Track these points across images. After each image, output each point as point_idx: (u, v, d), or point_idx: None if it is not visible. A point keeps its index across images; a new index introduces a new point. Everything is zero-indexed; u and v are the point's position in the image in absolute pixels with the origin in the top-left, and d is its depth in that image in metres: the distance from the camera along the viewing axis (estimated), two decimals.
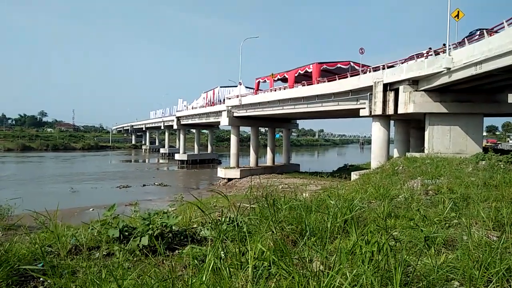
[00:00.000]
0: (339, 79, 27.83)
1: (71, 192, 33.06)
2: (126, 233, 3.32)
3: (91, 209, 24.67)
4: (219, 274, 1.88)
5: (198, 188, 40.31)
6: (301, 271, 2.20)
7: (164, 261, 3.04)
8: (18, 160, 69.76)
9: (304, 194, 9.50)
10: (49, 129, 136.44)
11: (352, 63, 30.52)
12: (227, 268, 1.88)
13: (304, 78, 33.71)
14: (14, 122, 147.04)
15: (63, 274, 2.62)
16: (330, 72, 31.72)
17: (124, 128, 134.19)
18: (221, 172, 41.48)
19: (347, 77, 27.01)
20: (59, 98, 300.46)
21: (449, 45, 18.34)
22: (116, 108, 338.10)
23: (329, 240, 3.34)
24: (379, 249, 2.49)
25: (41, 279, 2.56)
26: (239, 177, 39.48)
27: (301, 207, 4.40)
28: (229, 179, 39.93)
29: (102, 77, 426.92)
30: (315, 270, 2.29)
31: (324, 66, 32.06)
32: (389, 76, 22.48)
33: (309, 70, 32.63)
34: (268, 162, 47.08)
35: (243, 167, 43.39)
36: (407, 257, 2.51)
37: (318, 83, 30.63)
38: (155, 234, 3.23)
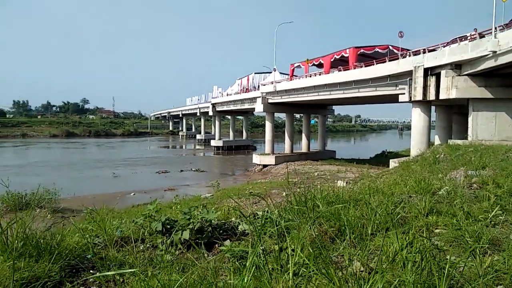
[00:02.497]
0: (377, 63, 27.00)
1: (113, 177, 34.45)
2: (168, 226, 3.44)
3: (132, 194, 25.70)
4: (259, 276, 1.92)
5: (234, 174, 40.85)
6: (340, 273, 2.20)
7: (205, 255, 3.13)
8: (63, 145, 73.34)
9: (340, 182, 9.41)
10: (91, 116, 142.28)
11: (390, 47, 29.47)
12: (268, 272, 1.91)
13: (340, 63, 32.99)
14: (58, 109, 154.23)
15: (110, 266, 2.76)
16: (367, 57, 30.84)
17: (162, 114, 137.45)
18: (256, 159, 41.72)
19: (385, 61, 26.16)
20: (100, 86, 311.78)
21: (495, 27, 17.31)
22: (154, 95, 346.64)
23: (369, 238, 3.30)
24: (421, 252, 2.44)
25: (91, 271, 2.71)
26: (274, 163, 39.58)
27: (339, 201, 4.37)
28: (264, 166, 40.12)
29: (141, 64, 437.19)
30: (355, 272, 2.28)
31: (361, 50, 31.17)
32: (430, 60, 21.57)
33: (346, 55, 31.87)
34: (303, 149, 46.82)
35: (278, 153, 43.43)
36: (451, 258, 2.44)
37: (354, 68, 29.90)
38: (195, 228, 3.33)
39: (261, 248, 2.40)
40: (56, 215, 15.06)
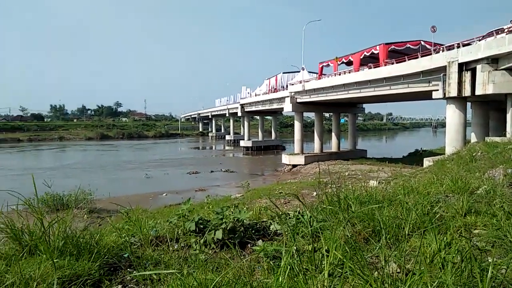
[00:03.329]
0: (408, 59, 26.35)
1: (146, 178, 35.28)
2: (201, 226, 3.48)
3: (164, 194, 26.23)
4: (294, 276, 1.91)
5: (263, 174, 40.92)
6: (376, 273, 2.16)
7: (237, 255, 3.15)
8: (97, 148, 75.79)
9: (372, 182, 9.22)
10: (124, 119, 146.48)
11: (423, 42, 28.63)
12: (302, 272, 1.90)
13: (370, 60, 32.37)
14: (93, 112, 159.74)
15: (147, 265, 2.82)
16: (398, 53, 30.13)
17: (192, 116, 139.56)
18: (286, 159, 41.60)
19: (417, 57, 25.48)
20: (132, 89, 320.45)
21: None
22: (184, 97, 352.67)
23: (404, 239, 3.22)
24: (460, 252, 2.36)
25: (128, 270, 2.78)
26: (303, 163, 39.34)
27: (372, 201, 4.29)
28: (294, 166, 39.94)
29: (171, 66, 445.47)
30: (391, 273, 2.23)
31: (392, 46, 30.45)
32: (465, 54, 20.82)
33: (376, 52, 31.23)
34: (333, 148, 46.27)
35: (308, 153, 43.12)
36: (492, 259, 2.34)
37: (385, 65, 29.27)
38: (228, 228, 3.35)
39: (294, 248, 2.39)
40: (92, 215, 15.61)
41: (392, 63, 28.24)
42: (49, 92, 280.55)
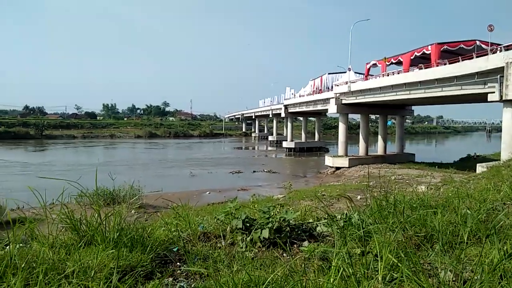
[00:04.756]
0: (462, 60, 25.07)
1: (190, 176, 36.13)
2: (248, 224, 3.52)
3: (207, 192, 26.72)
4: (346, 278, 1.88)
5: (305, 176, 40.56)
6: (431, 281, 2.08)
7: (284, 254, 3.15)
8: (145, 146, 78.65)
9: (421, 187, 8.87)
10: (171, 118, 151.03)
11: (478, 42, 27.13)
12: (354, 275, 1.86)
13: (421, 60, 31.14)
14: (142, 111, 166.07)
15: (195, 260, 2.90)
16: (451, 53, 28.74)
17: (235, 116, 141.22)
18: (329, 161, 40.98)
19: (472, 58, 24.19)
20: (179, 89, 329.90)
21: None
22: (229, 97, 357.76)
23: (459, 247, 3.07)
24: None
25: (178, 264, 2.87)
26: (347, 166, 38.56)
27: (424, 206, 4.13)
28: (337, 168, 39.26)
29: (215, 67, 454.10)
30: (447, 281, 2.14)
31: (445, 46, 29.08)
32: None
33: (427, 52, 29.98)
34: (379, 151, 44.97)
35: (352, 155, 42.21)
36: None
37: (437, 65, 28.04)
38: (274, 228, 3.36)
39: (345, 250, 2.35)
40: (139, 210, 16.22)
41: (445, 64, 27.01)
42: (102, 92, 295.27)
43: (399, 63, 35.02)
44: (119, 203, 14.12)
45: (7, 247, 2.86)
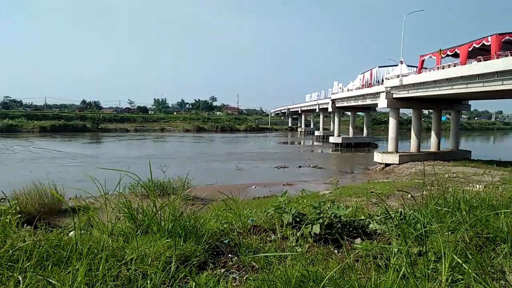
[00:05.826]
0: None
1: (237, 170, 36.60)
2: (298, 219, 3.50)
3: (253, 187, 26.93)
4: (406, 278, 1.81)
5: (352, 172, 39.70)
6: (497, 284, 1.95)
7: (336, 251, 3.10)
8: (193, 139, 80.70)
9: (477, 186, 8.36)
10: (218, 113, 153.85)
11: None
12: (413, 275, 1.78)
13: (480, 52, 29.23)
14: (190, 106, 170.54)
15: (246, 252, 2.92)
16: None
17: (281, 111, 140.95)
18: (378, 157, 39.75)
19: None
20: (226, 84, 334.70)
21: None
22: (275, 91, 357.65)
23: None
24: None
25: (229, 255, 2.91)
26: (397, 162, 37.22)
27: (485, 206, 3.90)
28: (387, 165, 38.00)
29: (263, 62, 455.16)
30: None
31: (507, 37, 27.08)
32: None
33: (487, 43, 28.09)
34: (432, 148, 42.97)
35: (402, 152, 40.67)
36: None
37: (498, 57, 26.22)
38: (325, 223, 3.31)
39: (406, 249, 2.26)
40: (188, 202, 16.67)
41: (506, 55, 25.20)
42: (153, 87, 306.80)
43: (455, 55, 33.15)
44: (168, 195, 14.63)
45: (71, 233, 3.04)
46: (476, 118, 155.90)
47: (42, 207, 12.66)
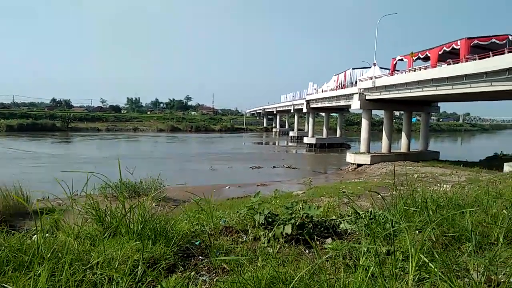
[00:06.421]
0: (493, 55, 24.23)
1: (211, 170, 36.37)
2: (270, 220, 3.49)
3: (227, 187, 26.82)
4: (374, 278, 1.82)
5: (326, 172, 40.22)
6: (462, 282, 1.99)
7: (307, 251, 3.11)
8: (167, 139, 79.64)
9: (445, 186, 8.63)
10: (193, 112, 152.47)
11: (511, 38, 26.14)
12: (382, 274, 1.80)
13: (450, 56, 30.24)
14: (165, 105, 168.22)
15: (217, 254, 2.88)
16: (482, 48, 27.79)
17: (257, 111, 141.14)
18: (350, 157, 40.45)
19: (504, 53, 23.34)
20: (201, 83, 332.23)
21: None
22: (250, 92, 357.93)
23: (489, 248, 2.96)
24: None
25: (200, 257, 2.87)
26: (369, 163, 37.98)
27: (451, 205, 4.01)
28: (359, 165, 38.71)
29: (239, 62, 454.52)
30: (479, 283, 2.05)
31: (475, 41, 28.10)
32: None
33: (456, 47, 29.06)
34: (402, 149, 44.12)
35: (374, 152, 41.55)
36: None
37: (466, 61, 27.18)
38: (297, 224, 3.32)
39: (374, 248, 2.29)
40: (159, 203, 16.41)
41: (475, 59, 26.17)
42: (127, 86, 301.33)
43: (426, 58, 34.13)
44: (140, 196, 14.35)
45: (34, 237, 2.92)
46: (440, 120, 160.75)
47: (7, 209, 12.15)
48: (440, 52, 31.29)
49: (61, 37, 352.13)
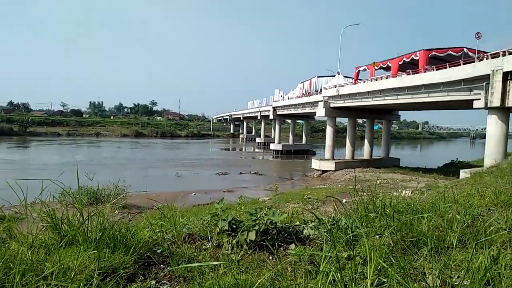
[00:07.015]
0: (450, 67, 25.48)
1: (177, 176, 35.83)
2: (234, 226, 3.47)
3: (193, 194, 26.51)
4: (334, 283, 1.84)
5: (292, 178, 40.65)
6: (418, 286, 2.06)
7: (271, 257, 3.11)
8: (131, 145, 77.82)
9: (405, 192, 8.93)
10: (158, 118, 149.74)
11: (465, 50, 27.64)
12: (342, 279, 1.83)
13: (410, 66, 31.56)
14: (129, 110, 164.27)
15: (180, 262, 2.83)
16: (439, 60, 29.23)
17: (224, 117, 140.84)
18: (315, 164, 41.14)
19: (459, 64, 24.60)
20: (167, 88, 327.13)
21: None
22: (217, 98, 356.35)
23: (445, 252, 3.07)
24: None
25: (161, 266, 2.80)
26: (333, 169, 38.79)
27: (410, 210, 4.14)
28: (323, 171, 39.45)
29: (205, 68, 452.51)
30: (434, 286, 2.12)
31: (433, 53, 29.53)
32: (511, 63, 19.89)
33: (416, 58, 30.39)
34: (365, 155, 45.38)
35: (338, 159, 42.48)
36: None
37: (425, 71, 28.43)
38: (261, 230, 3.32)
39: (335, 254, 2.32)
40: (123, 210, 15.94)
41: (432, 70, 27.43)
42: (89, 90, 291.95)
43: (387, 68, 35.43)
44: (102, 203, 13.87)
45: None
46: (401, 128, 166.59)
47: None
48: (400, 63, 32.57)
49: (18, 35, 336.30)
